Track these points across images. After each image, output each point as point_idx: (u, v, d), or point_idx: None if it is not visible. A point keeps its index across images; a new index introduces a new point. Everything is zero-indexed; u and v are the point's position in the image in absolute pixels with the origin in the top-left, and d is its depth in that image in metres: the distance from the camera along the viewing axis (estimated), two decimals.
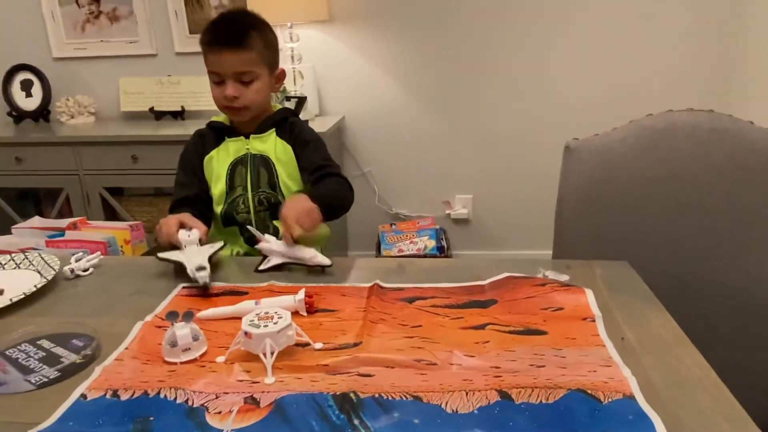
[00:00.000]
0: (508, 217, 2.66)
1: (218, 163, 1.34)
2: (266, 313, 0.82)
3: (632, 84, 2.43)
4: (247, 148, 1.34)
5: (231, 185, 1.33)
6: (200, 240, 1.10)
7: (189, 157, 1.38)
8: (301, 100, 2.30)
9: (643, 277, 1.02)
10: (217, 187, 1.34)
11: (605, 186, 1.16)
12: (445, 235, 2.57)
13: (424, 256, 2.39)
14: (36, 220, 1.56)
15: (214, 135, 1.37)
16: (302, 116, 2.29)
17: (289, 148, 1.34)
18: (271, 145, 1.34)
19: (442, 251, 2.42)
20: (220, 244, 1.12)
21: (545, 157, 2.53)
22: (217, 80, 1.28)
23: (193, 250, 1.06)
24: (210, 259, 1.06)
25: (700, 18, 2.33)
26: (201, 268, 0.99)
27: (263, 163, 1.33)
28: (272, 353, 0.78)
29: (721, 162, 1.08)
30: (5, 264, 1.12)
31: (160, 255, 1.05)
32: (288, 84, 2.39)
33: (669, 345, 0.82)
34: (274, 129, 1.35)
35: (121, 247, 1.51)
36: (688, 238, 1.13)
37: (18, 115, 2.64)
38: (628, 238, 1.16)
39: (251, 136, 1.34)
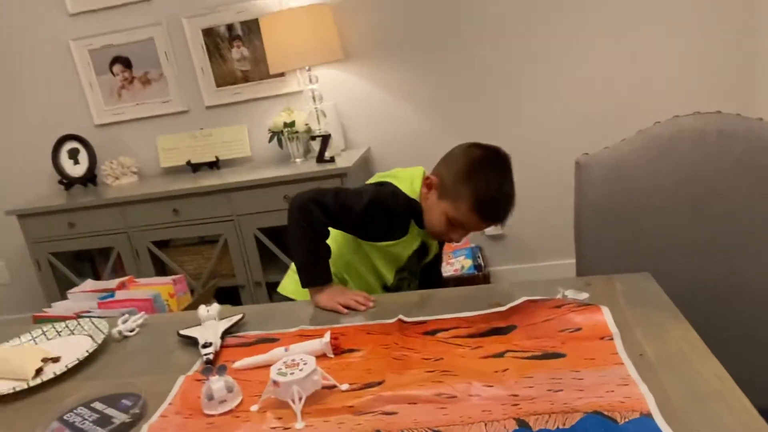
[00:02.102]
0: (542, 228, 2.64)
1: (402, 248, 1.31)
2: (292, 360, 0.87)
3: (645, 89, 2.40)
4: (424, 242, 1.35)
5: (401, 269, 1.35)
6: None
7: (376, 222, 1.26)
8: (326, 138, 2.37)
9: (664, 284, 1.02)
10: (389, 269, 1.33)
11: (619, 198, 1.17)
12: (481, 252, 2.58)
13: (461, 276, 2.40)
14: (88, 284, 1.67)
15: (409, 218, 1.29)
16: (328, 153, 2.38)
17: None
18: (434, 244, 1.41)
19: (479, 269, 2.44)
20: (239, 316, 1.14)
21: (569, 166, 2.51)
22: (453, 223, 1.23)
23: (210, 325, 1.10)
24: (228, 331, 1.10)
25: (705, 19, 2.30)
26: (206, 345, 1.03)
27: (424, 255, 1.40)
28: (300, 399, 0.82)
29: (732, 163, 1.08)
30: (61, 331, 1.22)
31: (181, 332, 1.11)
32: (312, 123, 2.48)
33: (688, 358, 0.82)
34: None
35: (167, 300, 1.60)
36: (706, 242, 1.12)
37: (68, 182, 2.82)
38: (647, 248, 1.16)
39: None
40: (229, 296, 2.51)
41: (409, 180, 1.31)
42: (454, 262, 2.47)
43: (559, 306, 0.97)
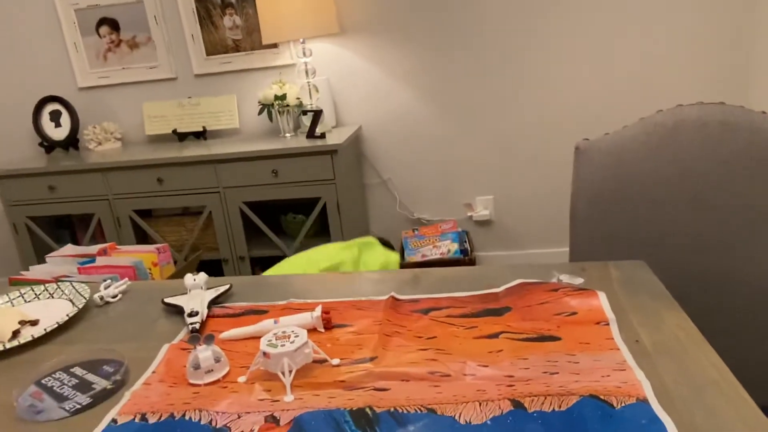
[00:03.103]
0: (530, 216, 2.65)
1: None
2: (283, 332, 0.84)
3: (647, 77, 2.39)
4: None
5: None
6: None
7: None
8: (317, 114, 2.33)
9: (660, 276, 1.02)
10: None
11: (618, 186, 1.16)
12: (468, 237, 2.57)
13: (448, 260, 2.40)
14: (68, 248, 1.62)
15: None
16: (319, 129, 2.34)
17: None
18: None
19: (465, 254, 2.43)
20: (226, 287, 1.12)
21: (563, 154, 2.52)
22: None
23: (197, 294, 1.07)
24: (215, 301, 1.08)
25: (707, 8, 2.29)
26: (192, 314, 1.00)
27: None
28: (290, 372, 0.80)
29: (733, 155, 1.07)
30: (39, 294, 1.17)
31: (166, 300, 1.08)
32: (303, 98, 2.43)
33: (684, 346, 0.81)
34: None
35: (149, 269, 1.56)
36: (704, 235, 1.11)
37: (49, 145, 2.74)
38: (643, 237, 1.15)
39: None
40: (211, 270, 2.48)
41: None
42: (441, 245, 2.46)
43: (555, 289, 0.96)
